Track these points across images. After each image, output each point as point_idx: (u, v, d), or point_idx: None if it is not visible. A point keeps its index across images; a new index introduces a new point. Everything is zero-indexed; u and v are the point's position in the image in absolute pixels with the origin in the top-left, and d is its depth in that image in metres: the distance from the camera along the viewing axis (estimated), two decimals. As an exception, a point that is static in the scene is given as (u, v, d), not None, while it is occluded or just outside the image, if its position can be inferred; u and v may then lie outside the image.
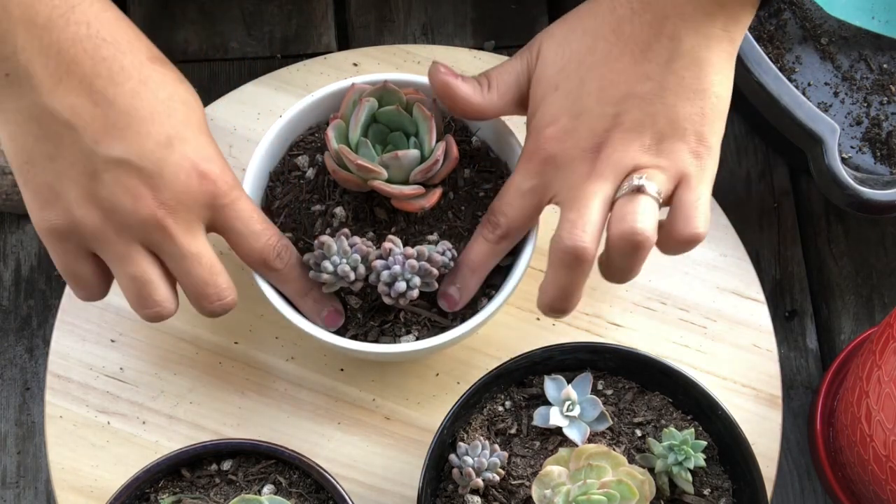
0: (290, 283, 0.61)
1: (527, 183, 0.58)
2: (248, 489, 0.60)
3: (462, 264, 0.61)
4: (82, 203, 0.54)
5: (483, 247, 0.60)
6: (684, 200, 0.55)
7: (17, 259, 0.75)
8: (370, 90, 0.63)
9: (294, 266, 0.60)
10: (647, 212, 0.54)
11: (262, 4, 0.81)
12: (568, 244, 0.54)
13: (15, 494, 0.71)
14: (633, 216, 0.54)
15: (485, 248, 0.60)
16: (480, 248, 0.61)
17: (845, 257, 0.79)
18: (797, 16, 0.75)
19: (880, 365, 0.60)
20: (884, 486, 0.61)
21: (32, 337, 0.73)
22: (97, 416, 0.68)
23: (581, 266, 0.55)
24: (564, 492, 0.56)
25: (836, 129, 0.66)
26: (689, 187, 0.55)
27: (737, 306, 0.72)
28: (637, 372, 0.63)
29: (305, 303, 0.61)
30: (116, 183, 0.54)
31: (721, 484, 0.62)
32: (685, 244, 0.56)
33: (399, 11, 0.81)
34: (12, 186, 0.70)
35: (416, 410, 0.69)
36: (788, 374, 0.76)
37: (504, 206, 0.59)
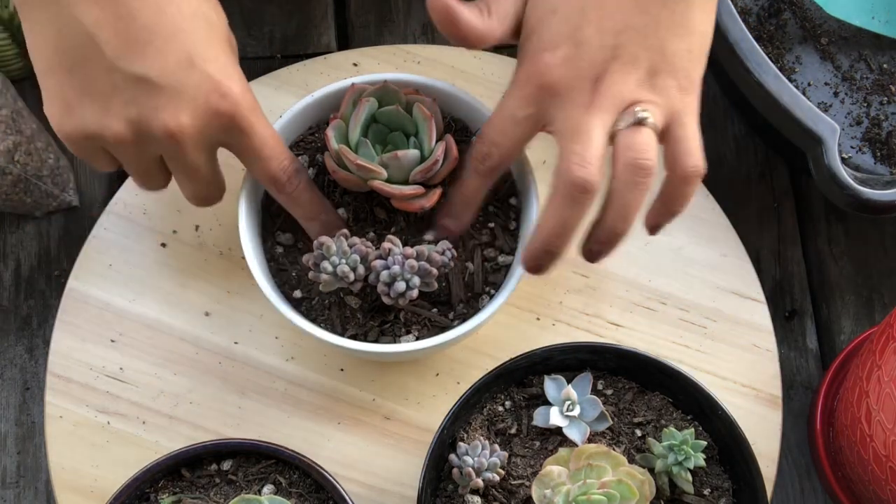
0: (299, 207, 0.62)
1: (522, 111, 0.57)
2: (248, 489, 0.60)
3: (456, 199, 0.61)
4: (101, 116, 0.55)
5: (475, 180, 0.60)
6: (681, 135, 0.56)
7: (17, 259, 0.75)
8: (370, 90, 0.63)
9: (304, 190, 0.61)
10: (651, 142, 0.55)
11: (262, 4, 0.81)
12: (577, 175, 0.54)
13: (15, 494, 0.71)
14: (639, 145, 0.55)
15: (477, 182, 0.60)
16: (473, 182, 0.60)
17: (845, 257, 0.78)
18: (797, 16, 0.75)
19: (880, 365, 0.60)
20: (884, 486, 0.61)
21: (32, 337, 0.73)
22: (97, 416, 0.68)
23: (586, 198, 0.55)
24: (564, 492, 0.56)
25: (836, 129, 0.66)
26: (682, 124, 0.56)
27: (737, 306, 0.72)
28: (637, 372, 0.63)
29: (313, 226, 0.62)
30: (136, 99, 0.54)
31: (721, 484, 0.62)
32: (690, 179, 0.56)
33: (399, 11, 0.81)
34: (12, 186, 0.70)
35: (416, 410, 0.69)
36: (788, 374, 0.76)
37: (497, 136, 0.58)
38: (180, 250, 0.71)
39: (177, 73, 0.54)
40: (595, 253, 0.57)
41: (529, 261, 0.57)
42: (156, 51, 0.54)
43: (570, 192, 0.54)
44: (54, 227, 0.75)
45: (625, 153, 0.55)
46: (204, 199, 0.61)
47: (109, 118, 0.55)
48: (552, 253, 0.57)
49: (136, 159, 0.57)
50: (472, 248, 0.64)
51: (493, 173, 0.60)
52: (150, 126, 0.55)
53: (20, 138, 0.69)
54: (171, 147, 0.56)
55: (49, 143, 0.73)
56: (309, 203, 0.62)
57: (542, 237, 0.56)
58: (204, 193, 0.61)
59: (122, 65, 0.53)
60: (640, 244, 0.72)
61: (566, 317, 0.71)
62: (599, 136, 0.55)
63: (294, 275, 0.64)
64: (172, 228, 0.71)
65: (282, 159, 0.60)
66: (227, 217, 0.71)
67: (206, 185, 0.60)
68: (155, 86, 0.54)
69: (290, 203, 0.62)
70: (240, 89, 0.57)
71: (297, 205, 0.62)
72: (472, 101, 0.65)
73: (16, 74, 0.75)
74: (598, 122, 0.55)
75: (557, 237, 0.56)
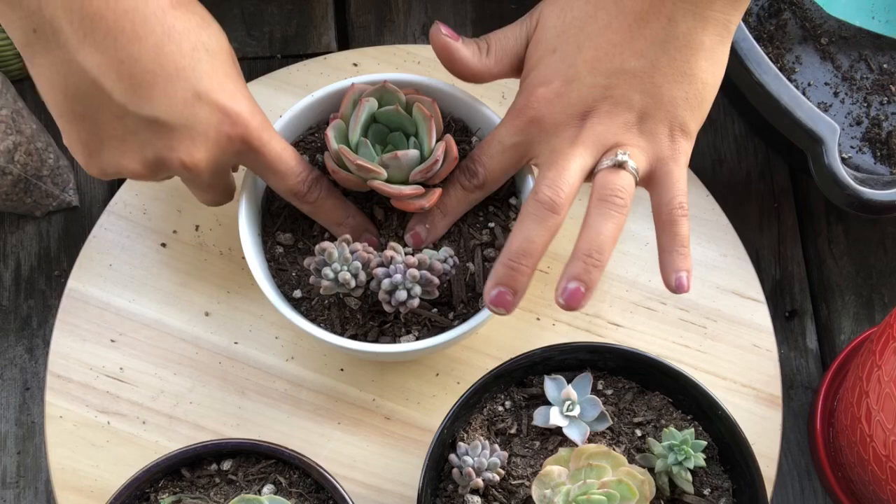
0: (323, 214, 0.63)
1: (510, 139, 0.60)
2: (248, 489, 0.60)
3: (436, 206, 0.62)
4: (119, 159, 0.57)
5: (458, 193, 0.62)
6: (664, 181, 0.58)
7: (17, 259, 0.75)
8: (370, 90, 0.63)
9: (326, 198, 0.62)
10: (627, 183, 0.57)
11: (262, 4, 0.81)
12: (543, 196, 0.56)
13: (15, 494, 0.71)
14: (613, 184, 0.56)
15: (459, 195, 0.62)
16: (455, 195, 0.62)
17: (845, 257, 0.78)
18: (797, 16, 0.75)
19: (880, 365, 0.60)
20: (884, 486, 0.61)
21: (32, 337, 0.73)
22: (97, 416, 0.68)
23: (552, 217, 0.56)
24: (564, 492, 0.56)
25: (836, 129, 0.66)
26: (667, 171, 0.58)
27: (737, 306, 0.72)
28: (637, 372, 0.63)
29: (341, 231, 0.63)
30: (150, 141, 0.56)
31: (721, 484, 0.62)
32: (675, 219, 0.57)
33: (399, 11, 0.81)
34: (12, 186, 0.70)
35: (416, 410, 0.69)
36: (788, 374, 0.76)
37: (485, 158, 0.61)
38: (180, 250, 0.71)
39: (185, 110, 0.55)
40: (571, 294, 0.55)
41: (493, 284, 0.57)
42: (162, 92, 0.54)
43: (537, 209, 0.56)
44: (54, 227, 0.75)
45: (600, 189, 0.57)
46: (217, 203, 0.64)
47: (127, 160, 0.57)
48: (515, 274, 0.57)
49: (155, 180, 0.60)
50: (473, 248, 0.64)
51: (476, 192, 0.62)
52: (167, 164, 0.57)
53: (20, 138, 0.69)
54: (188, 176, 0.59)
55: (49, 144, 0.73)
56: (332, 209, 0.62)
57: (506, 255, 0.57)
58: (218, 200, 0.64)
59: (132, 109, 0.54)
60: (640, 244, 0.73)
61: (566, 317, 0.71)
62: (575, 169, 0.57)
63: (294, 275, 0.64)
64: (172, 228, 0.71)
65: (298, 172, 0.61)
66: (227, 217, 0.72)
67: (220, 195, 0.63)
68: (166, 125, 0.55)
69: (314, 212, 0.62)
70: (248, 111, 0.58)
71: (321, 213, 0.62)
72: (472, 101, 0.65)
73: (16, 74, 0.75)
74: (577, 157, 0.57)
75: (522, 255, 0.57)
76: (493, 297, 0.57)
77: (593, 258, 0.56)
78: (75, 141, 0.57)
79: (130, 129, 0.55)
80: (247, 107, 0.58)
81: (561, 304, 0.56)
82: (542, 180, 0.57)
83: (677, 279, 0.57)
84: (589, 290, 0.56)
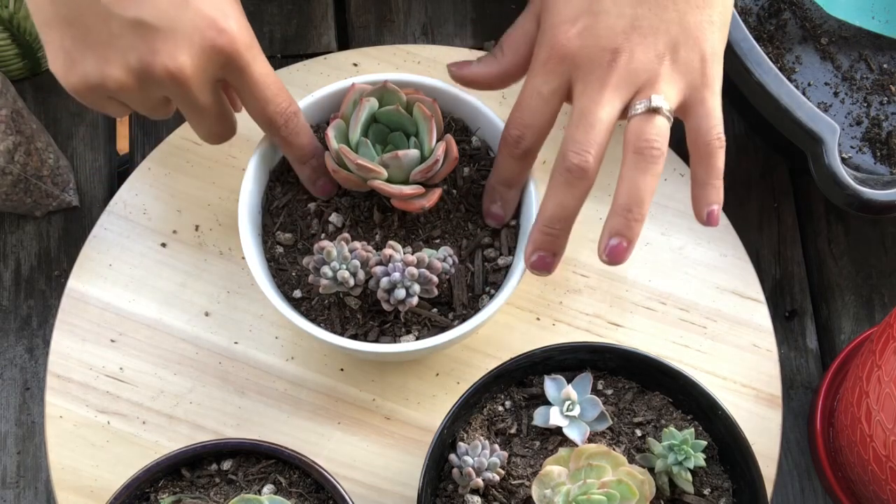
0: (292, 149, 0.62)
1: (548, 85, 0.58)
2: (248, 489, 0.60)
3: (496, 182, 0.62)
4: (102, 66, 0.55)
5: (511, 164, 0.61)
6: (700, 112, 0.57)
7: (17, 259, 0.75)
8: (370, 90, 0.63)
9: (298, 133, 0.62)
10: (662, 130, 0.56)
11: (262, 4, 0.81)
12: (572, 162, 0.56)
13: (15, 494, 0.70)
14: (648, 133, 0.55)
15: (513, 166, 0.61)
16: (510, 166, 0.61)
17: (845, 257, 0.78)
18: (797, 16, 0.75)
19: (880, 365, 0.60)
20: (884, 486, 0.61)
21: (32, 337, 0.73)
22: (97, 416, 0.68)
23: (582, 182, 0.56)
24: (564, 492, 0.56)
25: (836, 129, 0.66)
26: (702, 99, 0.57)
27: (737, 306, 0.72)
28: (637, 372, 0.63)
29: (303, 170, 0.63)
30: (134, 44, 0.54)
31: (721, 484, 0.62)
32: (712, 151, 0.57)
33: (399, 11, 0.81)
34: (12, 186, 0.70)
35: (416, 410, 0.69)
36: (788, 374, 0.75)
37: (527, 117, 0.59)
38: (180, 250, 0.71)
39: (171, 13, 0.54)
40: (613, 249, 0.56)
41: (532, 250, 0.58)
42: None
43: (566, 177, 0.56)
44: (54, 227, 0.75)
45: (635, 139, 0.56)
46: (217, 135, 0.62)
47: (110, 67, 0.55)
48: (552, 238, 0.57)
49: (142, 102, 0.58)
50: (473, 248, 0.64)
51: (529, 155, 0.60)
52: (151, 69, 0.55)
53: (20, 138, 0.69)
54: (174, 87, 0.56)
55: (49, 144, 0.73)
56: (301, 147, 0.62)
57: (541, 221, 0.57)
58: (217, 130, 0.61)
59: (117, 11, 0.53)
60: (640, 244, 0.72)
61: (566, 317, 0.71)
62: (603, 120, 0.56)
63: (294, 275, 0.64)
64: (172, 228, 0.71)
65: (279, 101, 0.60)
66: (227, 217, 0.71)
67: (216, 121, 0.60)
68: (151, 28, 0.54)
69: (283, 144, 0.62)
70: (236, 26, 0.56)
71: (290, 147, 0.62)
72: (472, 101, 0.65)
73: (16, 74, 0.75)
74: (606, 104, 0.56)
75: (556, 220, 0.57)
76: (534, 262, 0.58)
77: (633, 213, 0.55)
78: (58, 49, 0.55)
79: (115, 32, 0.54)
80: (235, 21, 0.56)
81: (604, 261, 0.56)
82: (568, 142, 0.56)
83: (709, 212, 0.57)
84: (631, 244, 0.56)
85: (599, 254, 0.57)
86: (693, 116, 0.57)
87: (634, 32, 0.56)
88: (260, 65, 0.58)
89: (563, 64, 0.57)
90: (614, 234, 0.56)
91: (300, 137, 0.62)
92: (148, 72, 0.55)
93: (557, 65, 0.57)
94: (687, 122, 0.58)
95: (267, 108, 0.60)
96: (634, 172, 0.55)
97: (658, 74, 0.56)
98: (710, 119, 0.57)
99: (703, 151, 0.57)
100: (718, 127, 0.57)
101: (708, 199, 0.57)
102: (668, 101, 0.56)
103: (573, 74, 0.57)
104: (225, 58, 0.56)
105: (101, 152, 0.77)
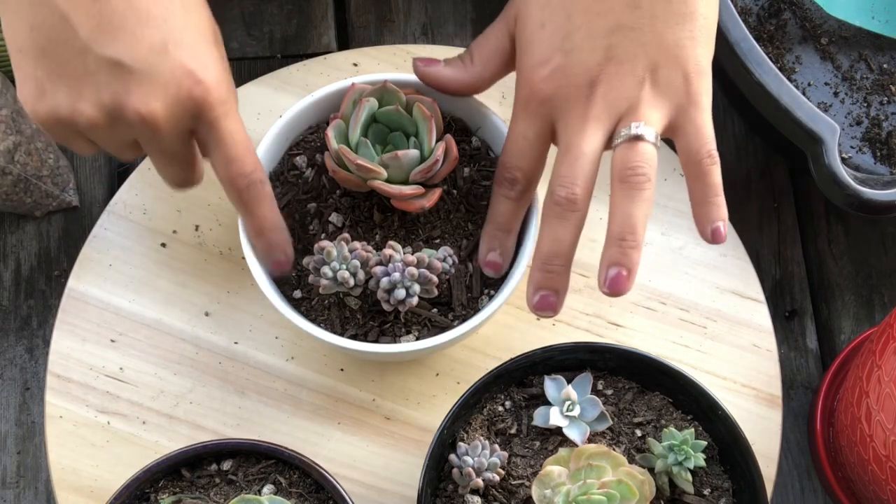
0: (251, 217, 0.60)
1: (531, 130, 0.57)
2: (248, 489, 0.60)
3: (494, 229, 0.61)
4: (74, 100, 0.54)
5: (508, 206, 0.60)
6: (689, 130, 0.56)
7: (17, 259, 0.75)
8: (370, 90, 0.63)
9: (260, 202, 0.59)
10: (647, 155, 0.55)
11: (262, 4, 0.81)
12: (558, 198, 0.55)
13: (15, 494, 0.71)
14: (633, 161, 0.55)
15: (510, 207, 0.60)
16: (506, 209, 0.60)
17: (845, 257, 0.78)
18: (797, 16, 0.75)
19: (880, 365, 0.60)
20: (884, 486, 0.61)
21: (32, 337, 0.73)
22: (97, 416, 0.68)
23: (573, 214, 0.55)
24: (564, 492, 0.56)
25: (836, 129, 0.66)
26: (689, 118, 0.56)
27: (737, 306, 0.72)
28: (637, 372, 0.63)
29: (259, 242, 0.61)
30: (108, 83, 0.53)
31: (721, 484, 0.62)
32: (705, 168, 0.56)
33: (399, 11, 0.81)
34: (12, 186, 0.70)
35: (416, 410, 0.69)
36: (788, 374, 0.75)
37: (516, 161, 0.59)
38: (180, 250, 0.71)
39: (149, 58, 0.53)
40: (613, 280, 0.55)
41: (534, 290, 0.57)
42: (129, 35, 0.53)
43: (556, 210, 0.55)
44: (54, 227, 0.75)
45: (620, 170, 0.55)
46: (181, 183, 0.60)
47: (82, 102, 0.54)
48: (553, 276, 0.56)
49: (110, 141, 0.56)
50: (473, 248, 0.64)
51: (524, 196, 0.60)
52: (122, 111, 0.53)
53: (20, 138, 0.69)
54: (144, 132, 0.55)
55: (49, 143, 0.73)
56: (261, 217, 0.60)
57: (539, 259, 0.56)
58: (182, 177, 0.59)
59: (95, 48, 0.52)
60: (640, 244, 0.72)
61: (566, 317, 0.71)
62: (589, 153, 0.55)
63: (294, 275, 0.64)
64: (172, 228, 0.71)
65: (243, 164, 0.58)
66: (227, 217, 0.72)
67: (182, 169, 0.59)
68: (127, 70, 0.53)
69: (242, 210, 0.60)
70: (214, 79, 0.55)
71: (249, 214, 0.60)
72: (471, 100, 0.65)
73: (16, 74, 0.75)
74: (590, 136, 0.55)
75: (553, 256, 0.56)
76: (536, 303, 0.57)
77: (627, 241, 0.54)
78: (29, 77, 0.54)
79: (91, 69, 0.53)
80: (214, 73, 0.55)
81: (606, 292, 0.55)
82: (555, 177, 0.56)
83: (713, 230, 0.56)
84: (631, 272, 0.55)
85: (600, 286, 0.55)
86: (682, 136, 0.56)
87: (610, 63, 0.55)
88: (231, 122, 0.57)
89: (543, 107, 0.56)
90: (612, 264, 0.55)
91: (261, 207, 0.59)
92: (119, 112, 0.54)
93: (537, 108, 0.57)
94: (677, 142, 0.57)
95: (230, 168, 0.57)
96: (623, 201, 0.55)
97: (639, 100, 0.55)
98: (699, 138, 0.56)
99: (696, 171, 0.56)
100: (709, 144, 0.56)
101: (709, 216, 0.56)
102: (651, 126, 0.55)
103: (554, 115, 0.57)
104: (197, 109, 0.55)
105: (101, 152, 0.77)
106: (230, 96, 0.57)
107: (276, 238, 0.61)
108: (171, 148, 0.56)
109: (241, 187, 0.58)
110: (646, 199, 0.55)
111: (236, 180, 0.58)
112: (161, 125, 0.54)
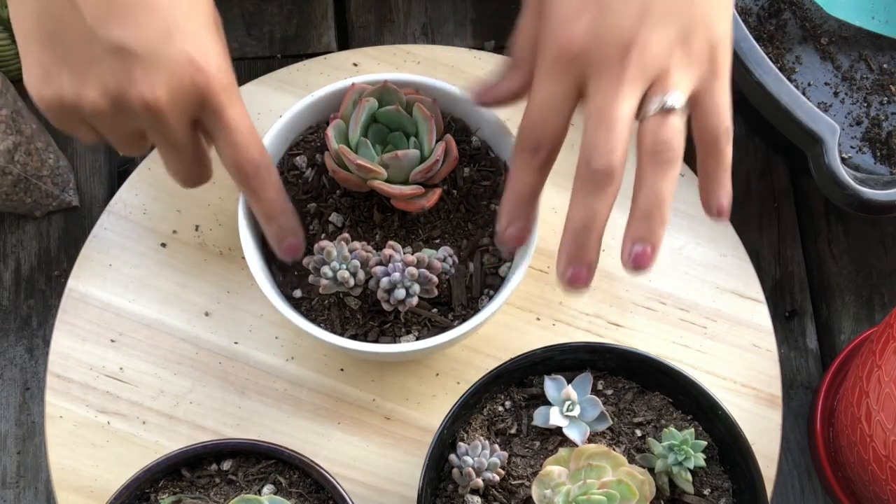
0: (260, 202, 0.60)
1: (560, 87, 0.54)
2: (248, 489, 0.60)
3: (515, 199, 0.57)
4: (78, 85, 0.54)
5: (530, 175, 0.56)
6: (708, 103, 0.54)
7: (17, 259, 0.75)
8: (370, 90, 0.63)
9: (267, 187, 0.59)
10: (677, 130, 0.53)
11: (262, 4, 0.81)
12: (597, 165, 0.52)
13: (15, 494, 0.71)
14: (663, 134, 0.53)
15: (532, 176, 0.56)
16: (529, 178, 0.56)
17: (845, 257, 0.78)
18: (797, 16, 0.75)
19: (880, 365, 0.60)
20: (884, 486, 0.61)
21: (32, 337, 0.73)
22: (97, 416, 0.68)
23: (611, 186, 0.53)
24: (564, 492, 0.56)
25: (836, 129, 0.66)
26: (711, 90, 0.54)
27: (737, 306, 0.72)
28: (637, 372, 0.63)
29: (270, 227, 0.61)
30: (113, 69, 0.53)
31: (721, 484, 0.62)
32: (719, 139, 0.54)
33: (399, 11, 0.81)
34: (12, 186, 0.70)
35: (416, 410, 0.69)
36: (788, 374, 0.75)
37: (540, 125, 0.55)
38: (180, 250, 0.71)
39: (155, 43, 0.53)
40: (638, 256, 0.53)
41: (566, 264, 0.54)
42: (135, 20, 0.53)
43: (593, 182, 0.52)
44: (54, 227, 0.75)
45: (651, 143, 0.53)
46: (191, 177, 0.60)
47: (86, 87, 0.54)
48: (586, 250, 0.54)
49: (114, 130, 0.56)
50: (473, 249, 0.64)
51: (548, 165, 0.56)
52: (127, 97, 0.54)
53: (20, 138, 0.69)
54: (148, 119, 0.55)
55: (49, 143, 0.73)
56: (270, 201, 0.60)
57: (572, 232, 0.54)
58: (188, 172, 0.59)
59: (101, 33, 0.52)
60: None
61: (566, 317, 0.71)
62: (624, 117, 0.53)
63: (294, 275, 0.64)
64: (172, 228, 0.71)
65: (251, 149, 0.58)
66: (227, 217, 0.72)
67: (190, 162, 0.59)
68: (132, 55, 0.53)
69: (251, 196, 0.60)
70: (216, 66, 0.55)
71: (258, 200, 0.60)
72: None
73: (16, 74, 0.75)
74: (625, 100, 0.53)
75: (588, 230, 0.53)
76: (570, 277, 0.54)
77: (655, 216, 0.53)
78: (35, 63, 0.54)
79: (96, 54, 0.53)
80: (216, 62, 0.55)
81: (629, 269, 0.53)
82: (592, 143, 0.52)
83: (718, 205, 0.55)
84: (655, 249, 0.53)
85: (624, 262, 0.53)
86: (702, 108, 0.55)
87: (646, 19, 0.53)
88: (235, 109, 0.57)
89: (573, 63, 0.53)
90: (637, 239, 0.53)
91: (269, 191, 0.59)
92: (124, 99, 0.54)
93: (568, 65, 0.54)
94: (695, 113, 0.55)
95: (237, 154, 0.57)
96: (653, 176, 0.53)
97: (670, 66, 0.53)
98: (719, 112, 0.54)
99: (711, 144, 0.54)
100: (728, 121, 0.54)
101: (717, 192, 0.55)
102: (682, 96, 0.53)
103: (585, 73, 0.53)
104: (201, 96, 0.55)
105: (101, 152, 0.77)
106: (233, 84, 0.57)
107: (286, 222, 0.61)
108: (177, 137, 0.56)
109: (248, 173, 0.58)
110: (674, 176, 0.53)
111: (244, 166, 0.58)
112: (165, 112, 0.54)
